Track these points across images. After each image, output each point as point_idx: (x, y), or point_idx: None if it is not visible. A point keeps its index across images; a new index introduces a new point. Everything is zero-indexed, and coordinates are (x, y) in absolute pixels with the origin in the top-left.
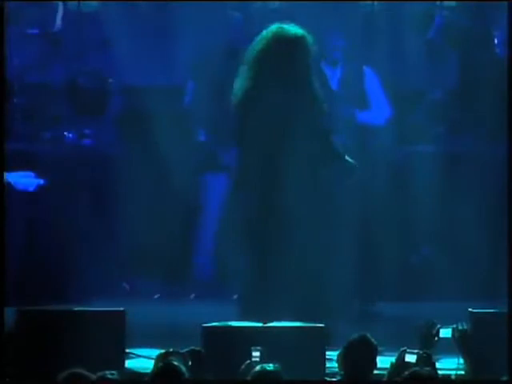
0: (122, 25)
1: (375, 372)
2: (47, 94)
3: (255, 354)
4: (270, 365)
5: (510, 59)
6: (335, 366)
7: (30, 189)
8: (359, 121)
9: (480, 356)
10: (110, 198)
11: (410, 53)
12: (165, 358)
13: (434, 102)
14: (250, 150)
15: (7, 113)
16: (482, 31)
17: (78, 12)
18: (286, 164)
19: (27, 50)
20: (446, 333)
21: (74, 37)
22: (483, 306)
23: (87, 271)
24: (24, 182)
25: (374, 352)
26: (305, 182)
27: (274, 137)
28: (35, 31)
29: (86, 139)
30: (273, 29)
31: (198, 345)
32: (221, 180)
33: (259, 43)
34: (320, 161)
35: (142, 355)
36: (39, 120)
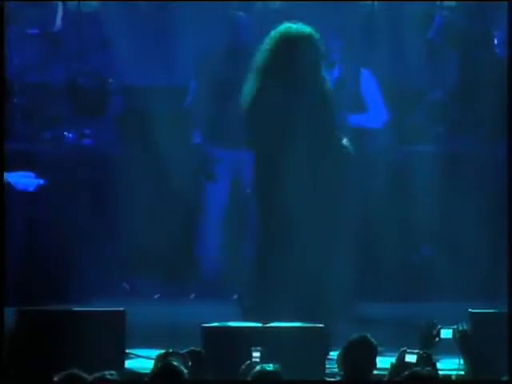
0: (122, 25)
1: (375, 372)
2: (47, 94)
3: (255, 354)
4: (270, 365)
5: (510, 59)
6: (335, 366)
7: (30, 189)
8: (355, 124)
9: (480, 356)
10: (110, 198)
11: (410, 53)
12: (164, 359)
13: (433, 102)
14: (262, 152)
15: (7, 113)
16: (482, 31)
17: (77, 12)
18: (286, 164)
19: (27, 50)
20: (446, 333)
21: (74, 37)
22: (483, 306)
23: (87, 271)
24: (24, 182)
25: (374, 352)
26: (306, 182)
27: (279, 137)
28: (35, 31)
29: (86, 139)
30: (281, 29)
31: (197, 345)
32: (221, 180)
33: (267, 44)
34: (326, 159)
35: (141, 355)
36: (39, 120)
